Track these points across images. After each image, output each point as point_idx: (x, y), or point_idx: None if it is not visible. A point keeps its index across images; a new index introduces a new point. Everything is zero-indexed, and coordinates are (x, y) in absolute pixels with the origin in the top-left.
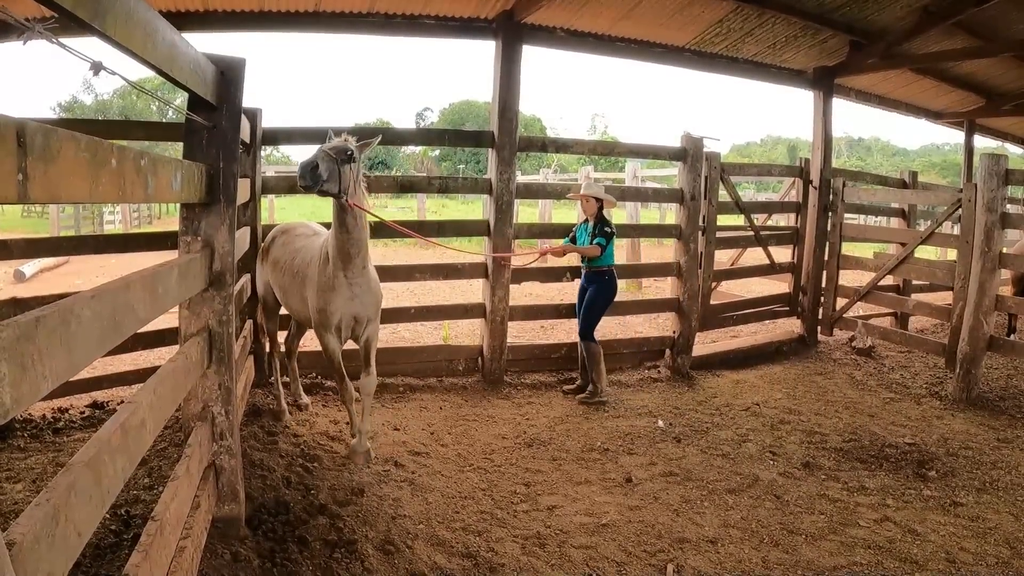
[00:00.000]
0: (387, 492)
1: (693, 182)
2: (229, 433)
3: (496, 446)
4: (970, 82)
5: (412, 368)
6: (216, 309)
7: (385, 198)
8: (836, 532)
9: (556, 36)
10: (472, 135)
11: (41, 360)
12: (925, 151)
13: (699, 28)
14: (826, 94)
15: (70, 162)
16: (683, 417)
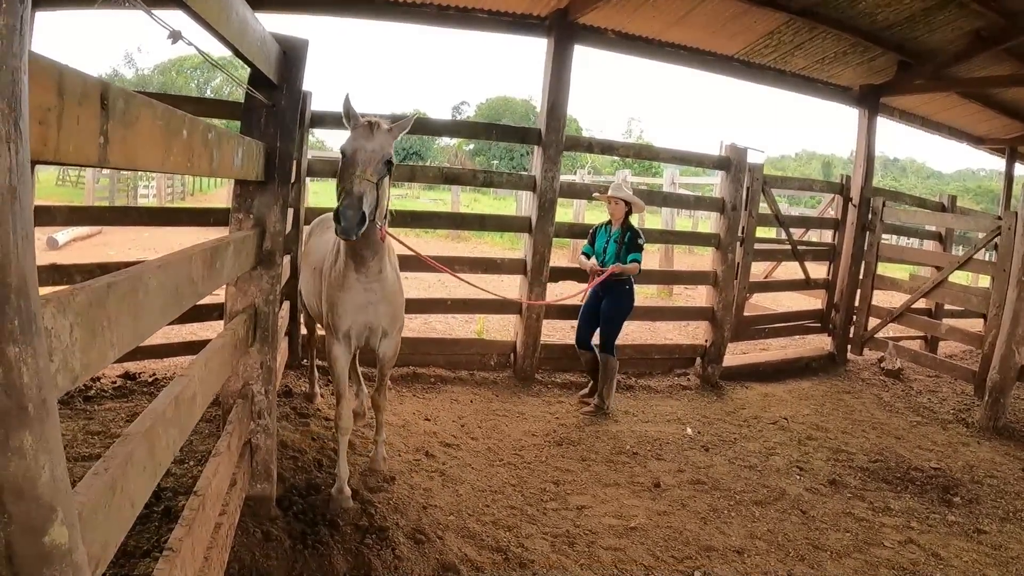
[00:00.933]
0: (418, 482)
1: (735, 192)
2: (267, 412)
3: (526, 443)
4: (1015, 109)
5: (444, 360)
6: (263, 288)
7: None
8: (861, 551)
9: (607, 38)
10: (519, 131)
11: (111, 327)
12: (960, 176)
13: (750, 38)
14: (871, 112)
15: (147, 129)
16: (711, 426)
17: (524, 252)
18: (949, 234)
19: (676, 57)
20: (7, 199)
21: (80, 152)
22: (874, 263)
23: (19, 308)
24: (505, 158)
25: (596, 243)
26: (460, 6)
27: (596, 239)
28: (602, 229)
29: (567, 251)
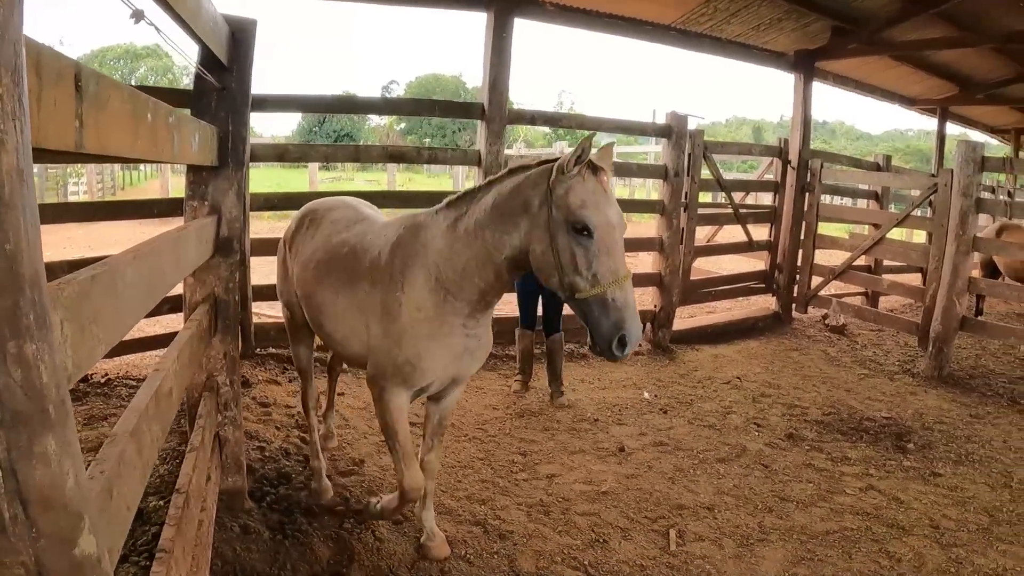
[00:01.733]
0: (387, 463)
1: (677, 159)
2: (234, 403)
3: (488, 416)
4: (946, 70)
5: None
6: (223, 276)
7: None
8: (825, 499)
9: (547, 10)
10: (463, 106)
11: (96, 322)
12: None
13: (687, 7)
14: (807, 77)
15: (117, 112)
16: (667, 389)
17: None
18: (885, 192)
19: (615, 27)
20: (16, 182)
21: (60, 137)
22: (814, 223)
23: (33, 302)
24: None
25: None
26: None
27: None
28: None
29: None
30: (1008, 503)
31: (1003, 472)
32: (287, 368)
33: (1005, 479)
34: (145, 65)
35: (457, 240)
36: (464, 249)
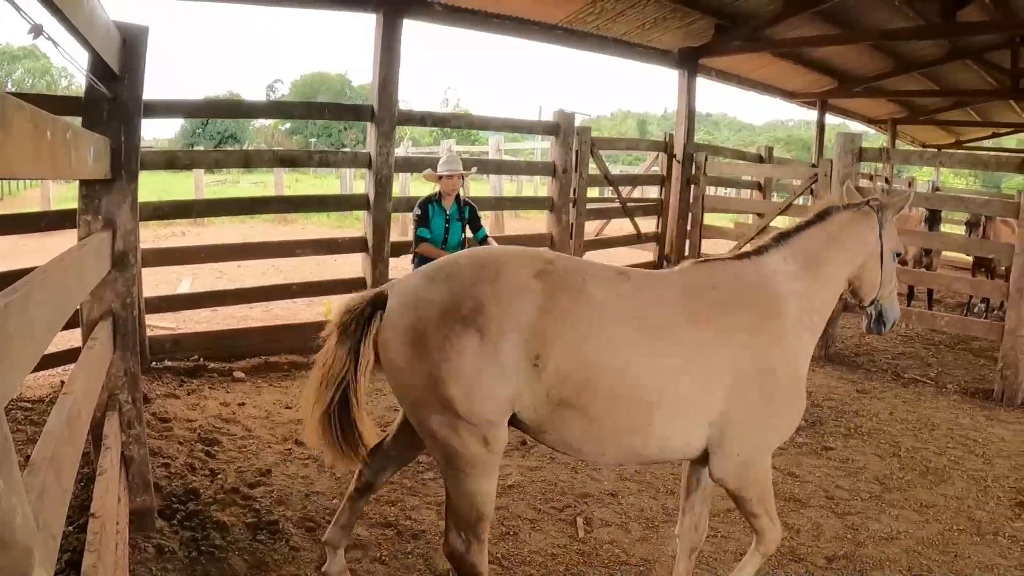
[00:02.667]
0: (294, 471)
1: (565, 156)
2: (137, 421)
3: (390, 418)
4: (825, 65)
5: (295, 345)
6: (120, 292)
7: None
8: None
9: (435, 11)
10: (352, 109)
11: (12, 348)
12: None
13: (574, 6)
14: (691, 74)
15: (20, 131)
16: None
17: (364, 230)
18: (768, 183)
19: (503, 27)
20: None
21: None
22: (700, 214)
23: None
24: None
25: (433, 225)
26: None
27: (432, 220)
28: (433, 207)
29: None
30: (897, 471)
31: (891, 442)
32: (184, 380)
33: (893, 449)
34: (22, 67)
35: (813, 279)
36: (822, 288)
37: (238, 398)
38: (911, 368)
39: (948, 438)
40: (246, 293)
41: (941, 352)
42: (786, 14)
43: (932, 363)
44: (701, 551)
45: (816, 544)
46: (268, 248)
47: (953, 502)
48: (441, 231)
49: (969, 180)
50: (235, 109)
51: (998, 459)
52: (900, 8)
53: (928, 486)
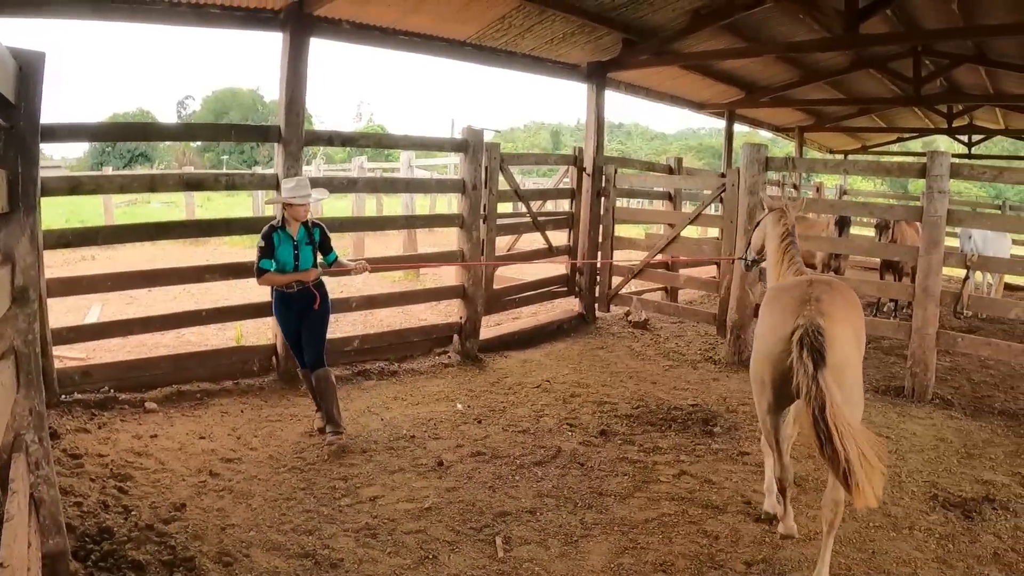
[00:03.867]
0: (209, 503)
1: (474, 172)
2: (45, 461)
3: (305, 444)
4: (732, 77)
5: (207, 372)
6: (21, 328)
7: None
8: (641, 489)
9: (343, 29)
10: (259, 130)
11: None
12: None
13: (482, 23)
14: (599, 87)
15: None
16: (479, 399)
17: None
18: (678, 193)
19: (411, 45)
20: None
21: None
22: (611, 226)
23: None
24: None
25: (280, 253)
26: (191, 2)
27: (278, 249)
28: (279, 235)
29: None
30: (813, 472)
31: (805, 444)
32: (95, 414)
33: (808, 450)
34: None
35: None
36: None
37: (150, 430)
38: None
39: None
40: (154, 321)
41: None
42: (692, 28)
43: None
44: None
45: (735, 549)
46: (176, 274)
47: None
48: (290, 258)
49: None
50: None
51: (911, 454)
52: (804, 21)
53: None
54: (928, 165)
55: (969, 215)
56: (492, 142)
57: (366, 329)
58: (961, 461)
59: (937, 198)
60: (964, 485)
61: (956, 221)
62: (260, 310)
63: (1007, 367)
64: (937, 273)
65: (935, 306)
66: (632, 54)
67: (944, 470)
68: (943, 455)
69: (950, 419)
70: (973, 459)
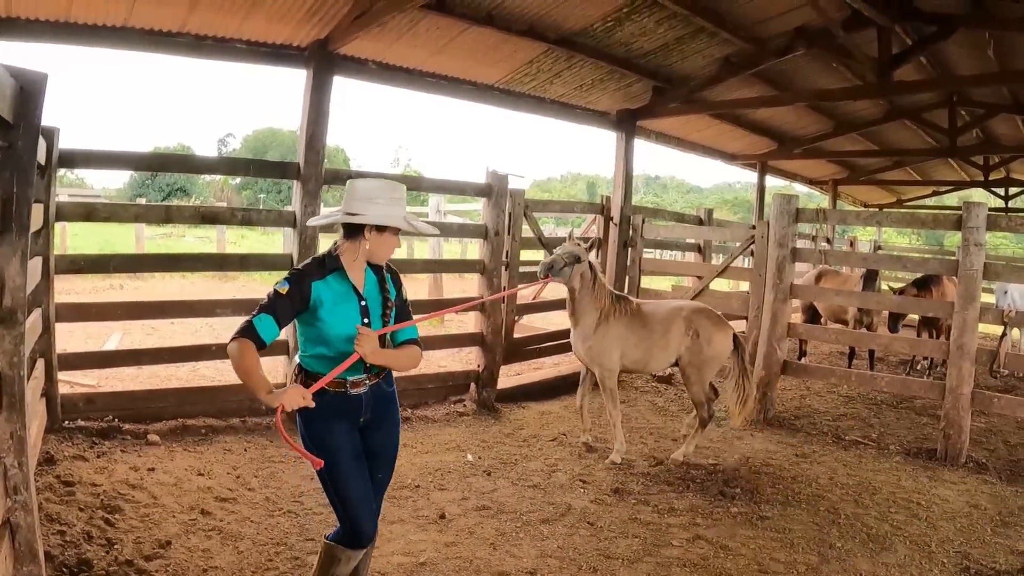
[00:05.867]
0: (195, 543)
1: (497, 218)
2: (24, 487)
3: (305, 488)
4: (764, 127)
5: (215, 408)
6: (7, 350)
7: (184, 227)
8: (651, 554)
9: (368, 69)
10: (278, 166)
11: None
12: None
13: (510, 67)
14: (628, 135)
15: None
16: (491, 450)
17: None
18: (707, 245)
19: (438, 87)
20: None
21: None
22: (637, 277)
23: None
24: (272, 191)
25: (334, 317)
26: (217, 36)
27: (329, 310)
28: (329, 285)
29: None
30: (836, 540)
31: (830, 509)
32: (96, 442)
33: (832, 516)
34: None
35: None
36: None
37: (149, 462)
38: (852, 430)
39: (890, 502)
40: (163, 353)
41: (883, 412)
42: (722, 76)
43: (874, 424)
44: None
45: None
46: (187, 307)
47: (895, 571)
48: (351, 327)
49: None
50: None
51: (942, 522)
52: (837, 69)
53: (869, 555)
54: (964, 216)
55: (1007, 268)
56: (515, 188)
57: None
58: (995, 530)
59: (973, 251)
60: (998, 556)
61: (993, 275)
62: (271, 348)
63: None
64: (973, 330)
65: (970, 364)
66: (662, 102)
67: (977, 539)
68: (976, 523)
69: (984, 484)
70: (1008, 528)
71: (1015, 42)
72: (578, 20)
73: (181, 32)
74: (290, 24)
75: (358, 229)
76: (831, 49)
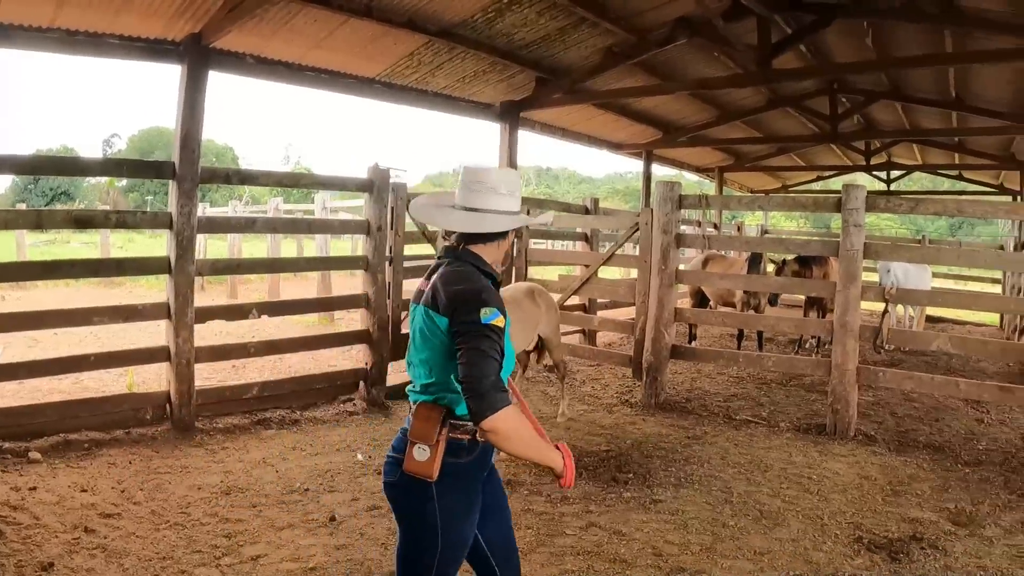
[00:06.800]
0: (79, 563)
1: (380, 213)
2: None
3: (192, 498)
4: (649, 116)
5: (98, 421)
6: None
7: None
8: (544, 544)
9: (246, 63)
10: (153, 166)
11: None
12: (610, 179)
13: (391, 60)
14: (512, 127)
15: None
16: (382, 448)
17: (166, 295)
18: (595, 234)
19: (318, 81)
20: None
21: None
22: (524, 267)
23: None
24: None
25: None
26: (90, 31)
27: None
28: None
29: (222, 287)
30: (730, 518)
31: (723, 488)
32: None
33: (725, 495)
34: None
35: None
36: None
37: (31, 481)
38: (743, 410)
39: (782, 478)
40: (39, 365)
41: (773, 391)
42: (605, 66)
43: (764, 403)
44: None
45: None
46: (64, 316)
47: (789, 545)
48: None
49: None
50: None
51: (833, 494)
52: (719, 58)
53: (763, 531)
54: (843, 198)
55: (887, 248)
56: (399, 182)
57: (275, 375)
58: (886, 499)
59: (853, 232)
60: (890, 524)
61: (874, 254)
62: (153, 355)
63: (931, 399)
64: (855, 308)
65: (855, 341)
66: (545, 93)
67: (869, 510)
68: (867, 494)
69: (874, 455)
70: (899, 496)
71: (893, 30)
72: (458, 11)
73: (51, 27)
74: (163, 18)
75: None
76: (713, 39)
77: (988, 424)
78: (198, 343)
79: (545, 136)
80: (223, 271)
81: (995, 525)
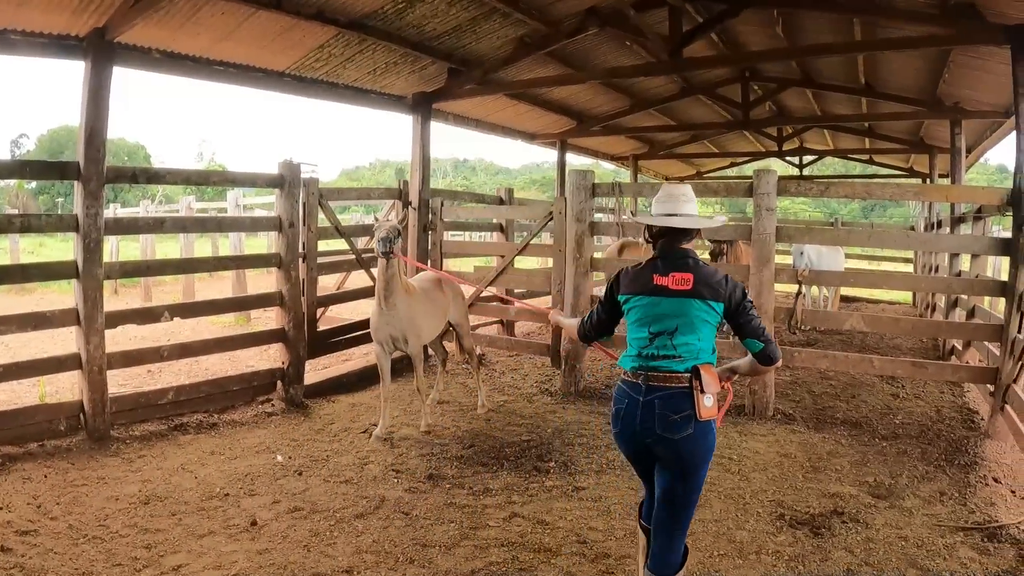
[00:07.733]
0: None
1: (291, 209)
2: None
3: (110, 510)
4: (563, 106)
5: (9, 435)
6: None
7: None
8: (468, 537)
9: (152, 58)
10: (57, 167)
11: None
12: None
13: (300, 53)
14: (424, 119)
15: None
16: (302, 448)
17: (75, 300)
18: (510, 224)
19: (226, 75)
20: None
21: None
22: (439, 260)
23: None
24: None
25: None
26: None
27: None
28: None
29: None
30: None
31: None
32: None
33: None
34: None
35: None
36: None
37: None
38: None
39: None
40: None
41: None
42: (517, 56)
43: None
44: None
45: None
46: None
47: (712, 526)
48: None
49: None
50: None
51: (754, 473)
52: (631, 48)
53: None
54: (755, 183)
55: (799, 231)
56: (310, 177)
57: (192, 379)
58: (807, 476)
59: (765, 216)
60: (811, 500)
61: (786, 237)
62: (62, 363)
63: (847, 377)
64: (769, 290)
65: (769, 322)
66: (457, 84)
67: (790, 487)
68: (788, 471)
69: (793, 433)
70: (819, 472)
71: (802, 19)
72: (368, 2)
73: None
74: (66, 12)
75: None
76: (624, 28)
77: (903, 399)
78: (110, 349)
79: (459, 127)
80: (133, 273)
81: (914, 496)
